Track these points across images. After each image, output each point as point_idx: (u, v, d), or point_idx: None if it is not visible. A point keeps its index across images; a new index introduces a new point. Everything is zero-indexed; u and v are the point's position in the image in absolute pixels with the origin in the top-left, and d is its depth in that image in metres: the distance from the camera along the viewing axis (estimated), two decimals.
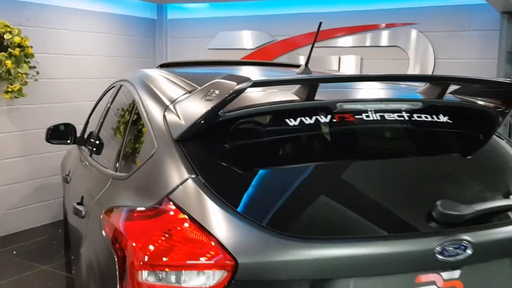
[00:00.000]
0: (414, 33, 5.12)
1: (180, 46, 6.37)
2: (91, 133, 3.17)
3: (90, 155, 2.88)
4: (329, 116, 1.80)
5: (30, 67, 4.74)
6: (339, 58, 5.45)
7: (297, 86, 1.82)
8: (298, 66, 2.56)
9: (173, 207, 1.59)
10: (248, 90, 1.61)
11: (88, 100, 4.21)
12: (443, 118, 1.95)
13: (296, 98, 1.80)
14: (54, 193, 5.18)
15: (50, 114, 5.04)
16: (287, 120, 1.77)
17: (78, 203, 2.42)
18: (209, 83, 1.72)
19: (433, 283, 1.60)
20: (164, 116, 1.90)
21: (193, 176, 1.62)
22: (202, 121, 1.65)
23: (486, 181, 1.90)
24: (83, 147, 3.27)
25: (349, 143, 1.90)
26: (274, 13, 5.77)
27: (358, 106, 1.86)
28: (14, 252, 4.64)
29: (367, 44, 5.35)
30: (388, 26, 5.24)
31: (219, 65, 3.37)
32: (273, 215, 1.57)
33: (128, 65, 5.94)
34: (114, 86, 2.98)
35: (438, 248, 1.54)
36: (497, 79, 2.92)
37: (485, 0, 4.17)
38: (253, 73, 2.84)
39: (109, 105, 2.94)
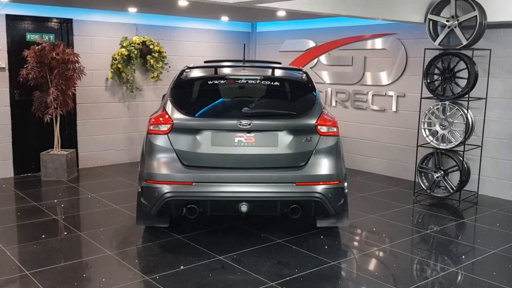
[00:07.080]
0: (394, 40, 7.58)
1: (263, 50, 9.58)
2: None
3: None
4: (224, 80, 4.89)
5: (164, 63, 8.44)
6: (352, 57, 8.11)
7: (212, 68, 4.96)
8: (250, 61, 5.69)
9: (164, 110, 4.84)
10: (198, 69, 4.95)
11: None
12: (275, 83, 4.91)
13: (212, 72, 4.94)
14: None
15: None
16: (208, 81, 4.92)
17: None
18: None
19: (242, 136, 4.59)
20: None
21: (170, 99, 4.84)
22: (176, 81, 4.90)
23: (277, 106, 4.82)
24: None
25: (232, 90, 4.97)
26: (316, 27, 8.62)
27: (236, 77, 4.91)
28: None
29: (368, 47, 7.92)
30: (380, 35, 7.74)
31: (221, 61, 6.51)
32: (191, 111, 4.71)
33: None
34: None
35: (239, 122, 4.54)
36: (288, 66, 5.87)
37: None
38: (211, 64, 5.87)
39: None
